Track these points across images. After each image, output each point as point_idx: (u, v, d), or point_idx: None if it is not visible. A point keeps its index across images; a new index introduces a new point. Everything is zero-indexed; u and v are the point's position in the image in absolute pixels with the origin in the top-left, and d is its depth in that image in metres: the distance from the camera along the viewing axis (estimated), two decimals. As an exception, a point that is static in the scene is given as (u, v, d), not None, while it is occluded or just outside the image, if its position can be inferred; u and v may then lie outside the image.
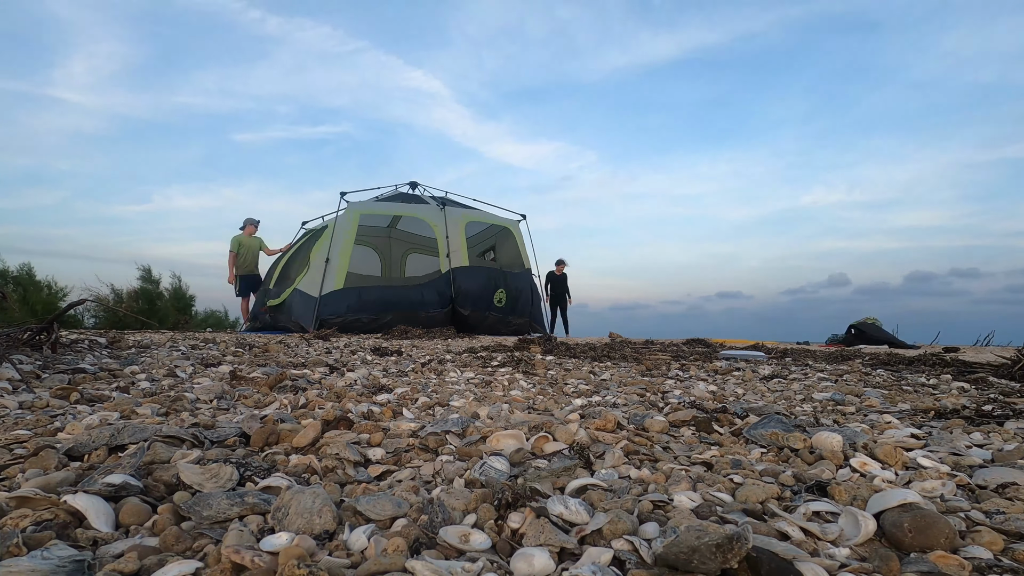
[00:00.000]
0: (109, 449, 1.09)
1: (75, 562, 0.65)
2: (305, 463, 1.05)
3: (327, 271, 7.58)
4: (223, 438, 1.22)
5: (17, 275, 9.79)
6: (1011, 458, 1.16)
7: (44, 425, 1.31)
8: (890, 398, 2.07)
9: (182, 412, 1.53)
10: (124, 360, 2.60)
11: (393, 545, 0.70)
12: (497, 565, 0.69)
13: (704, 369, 3.04)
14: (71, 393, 1.70)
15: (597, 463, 1.12)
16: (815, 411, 1.78)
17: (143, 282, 10.90)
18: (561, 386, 2.31)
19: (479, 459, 1.09)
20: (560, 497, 0.86)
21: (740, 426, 1.46)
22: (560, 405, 1.82)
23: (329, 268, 7.61)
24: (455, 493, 0.89)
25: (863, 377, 2.79)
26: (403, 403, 1.76)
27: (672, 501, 0.88)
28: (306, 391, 1.95)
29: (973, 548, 0.75)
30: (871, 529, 0.77)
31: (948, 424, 1.55)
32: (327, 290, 7.48)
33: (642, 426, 1.44)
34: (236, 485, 0.92)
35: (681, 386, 2.36)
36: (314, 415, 1.45)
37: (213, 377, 2.23)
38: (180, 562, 0.66)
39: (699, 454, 1.21)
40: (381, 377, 2.43)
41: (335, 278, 7.56)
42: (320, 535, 0.76)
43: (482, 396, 1.98)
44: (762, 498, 0.91)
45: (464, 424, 1.34)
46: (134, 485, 0.87)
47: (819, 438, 1.23)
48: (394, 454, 1.18)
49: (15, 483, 0.93)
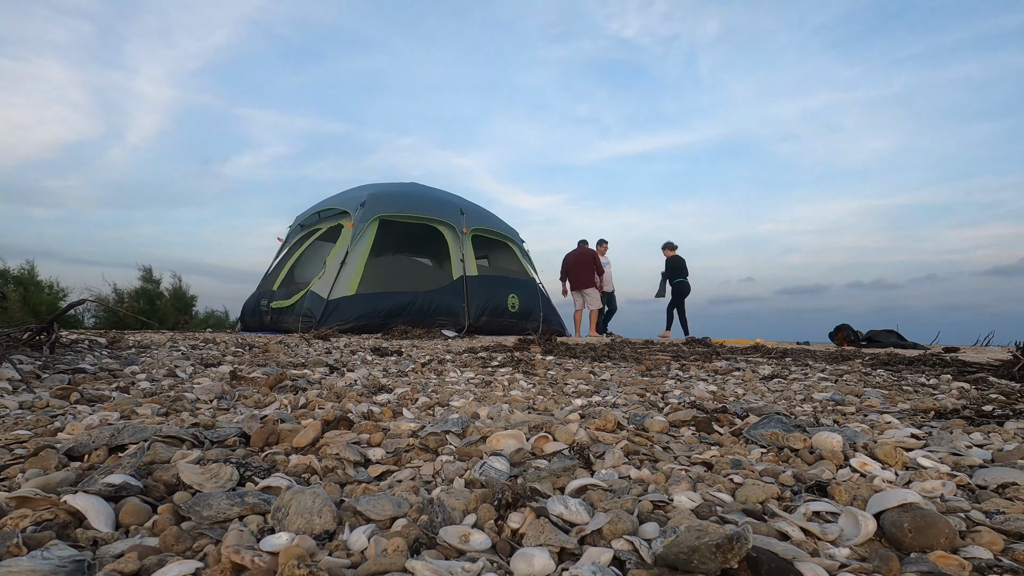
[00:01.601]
0: (109, 449, 1.09)
1: (75, 562, 0.65)
2: (305, 463, 1.05)
3: (341, 274, 7.50)
4: (223, 438, 1.22)
5: (18, 275, 9.79)
6: (1011, 458, 1.16)
7: (44, 425, 1.31)
8: (890, 398, 2.07)
9: (182, 412, 1.53)
10: (124, 360, 2.60)
11: (393, 545, 0.70)
12: (497, 565, 0.69)
13: (704, 369, 3.04)
14: (71, 393, 1.70)
15: (597, 463, 1.12)
16: (815, 411, 1.78)
17: (144, 282, 10.90)
18: (561, 386, 2.31)
19: (479, 459, 1.09)
20: (560, 497, 0.86)
21: (740, 426, 1.46)
22: (560, 405, 1.82)
23: (344, 272, 7.53)
24: (455, 493, 0.89)
25: (863, 377, 2.79)
26: (403, 403, 1.76)
27: (672, 501, 0.88)
28: (306, 391, 1.95)
29: (973, 548, 0.75)
30: (871, 529, 0.77)
31: (948, 424, 1.55)
32: (340, 294, 7.41)
33: (642, 426, 1.44)
34: (236, 485, 0.92)
35: (681, 386, 2.36)
36: (314, 415, 1.45)
37: (213, 377, 2.23)
38: (180, 562, 0.66)
39: (699, 454, 1.21)
40: (381, 377, 2.43)
41: (349, 283, 7.50)
42: (320, 535, 0.76)
43: (482, 396, 1.98)
44: (762, 498, 0.91)
45: (464, 424, 1.34)
46: (134, 485, 0.87)
47: (819, 438, 1.23)
48: (394, 454, 1.18)
49: (15, 483, 0.93)
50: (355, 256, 7.67)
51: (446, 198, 8.98)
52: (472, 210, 9.06)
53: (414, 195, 8.82)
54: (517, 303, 8.58)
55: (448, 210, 8.50)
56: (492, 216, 9.53)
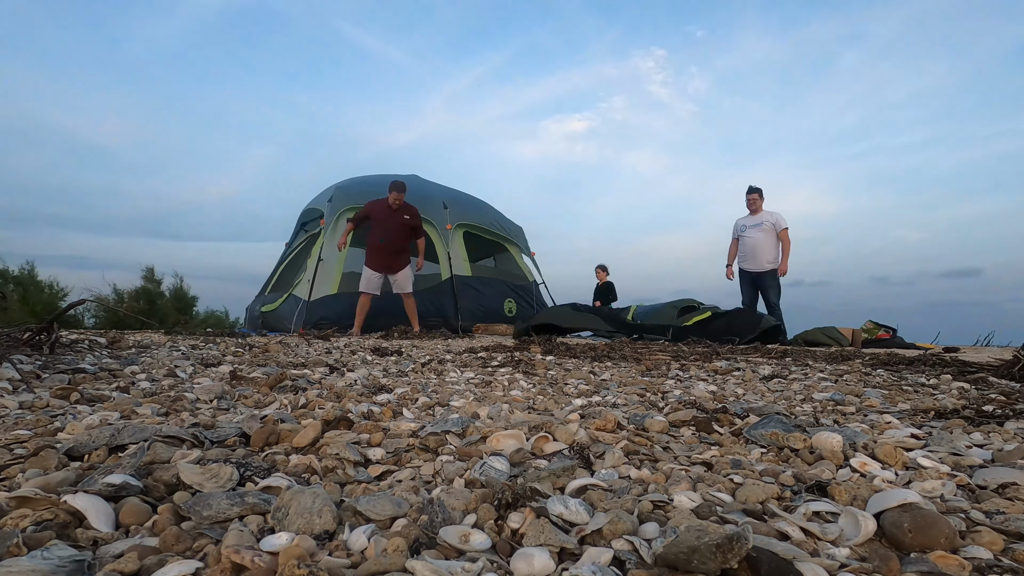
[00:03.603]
0: (109, 449, 1.09)
1: (75, 562, 0.65)
2: (305, 463, 1.05)
3: (319, 274, 7.25)
4: (223, 438, 1.22)
5: (18, 275, 9.80)
6: (1011, 458, 1.16)
7: (44, 425, 1.31)
8: (890, 398, 2.07)
9: (182, 412, 1.53)
10: (124, 360, 2.60)
11: (393, 545, 0.70)
12: (497, 565, 0.69)
13: (704, 369, 3.04)
14: (71, 393, 1.70)
15: (597, 463, 1.12)
16: (815, 411, 1.78)
17: (145, 282, 10.91)
18: (561, 386, 2.31)
19: (479, 459, 1.09)
20: (560, 497, 0.86)
21: (740, 426, 1.46)
22: (560, 405, 1.82)
23: (322, 271, 7.27)
24: (455, 493, 0.89)
25: (863, 377, 2.79)
26: (403, 403, 1.76)
27: (672, 501, 0.88)
28: (306, 391, 1.95)
29: (973, 548, 0.75)
30: (871, 529, 0.77)
31: (948, 424, 1.55)
32: (320, 295, 7.18)
33: (642, 426, 1.44)
34: (236, 485, 0.92)
35: (681, 386, 2.36)
36: (314, 415, 1.45)
37: (213, 377, 2.23)
38: (180, 562, 0.66)
39: (699, 454, 1.21)
40: (381, 377, 2.43)
41: (329, 283, 7.26)
42: (320, 535, 0.76)
43: (482, 396, 1.98)
44: (762, 498, 0.91)
45: (464, 424, 1.34)
46: (134, 485, 0.87)
47: (819, 438, 1.23)
48: (394, 454, 1.18)
49: (15, 483, 0.93)
50: (332, 253, 7.30)
51: (428, 191, 8.40)
52: (460, 203, 8.56)
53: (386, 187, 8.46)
54: (514, 307, 8.37)
55: (428, 204, 7.89)
56: (488, 209, 9.04)
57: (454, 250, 8.02)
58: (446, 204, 8.30)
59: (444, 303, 7.74)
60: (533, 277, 9.17)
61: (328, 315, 7.00)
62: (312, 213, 8.52)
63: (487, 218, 8.88)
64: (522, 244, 9.26)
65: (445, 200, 8.40)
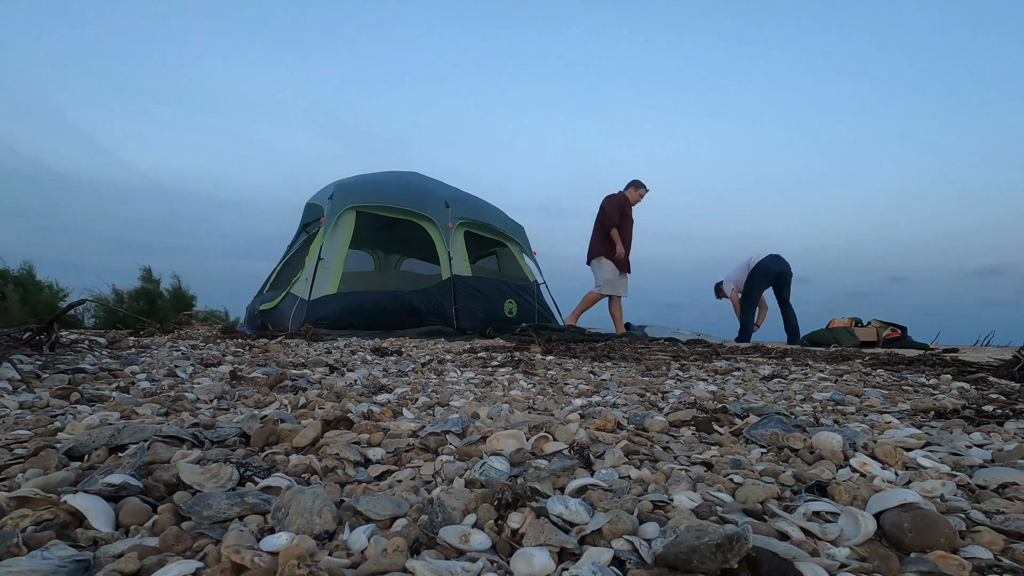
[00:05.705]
0: (109, 449, 1.09)
1: (75, 562, 0.65)
2: (305, 463, 1.05)
3: (319, 273, 7.15)
4: (223, 438, 1.22)
5: (18, 275, 9.80)
6: (1011, 458, 1.16)
7: (44, 425, 1.31)
8: (890, 398, 2.07)
9: (182, 412, 1.53)
10: (124, 360, 2.60)
11: (393, 545, 0.70)
12: (497, 565, 0.69)
13: (704, 369, 3.04)
14: (71, 393, 1.70)
15: (597, 463, 1.12)
16: (815, 411, 1.78)
17: (144, 282, 10.92)
18: (561, 386, 2.31)
19: (479, 459, 1.09)
20: (560, 497, 0.86)
21: (740, 426, 1.46)
22: (560, 405, 1.82)
23: (323, 269, 7.17)
24: (455, 493, 0.89)
25: (863, 377, 2.79)
26: (403, 403, 1.76)
27: (672, 501, 0.88)
28: (306, 391, 1.95)
29: (973, 548, 0.75)
30: (871, 529, 0.77)
31: (948, 424, 1.55)
32: (319, 294, 7.07)
33: (642, 426, 1.44)
34: (236, 485, 0.92)
35: (681, 386, 2.36)
36: (314, 415, 1.45)
37: (213, 377, 2.23)
38: (180, 562, 0.66)
39: (699, 454, 1.20)
40: (381, 377, 2.43)
41: (329, 282, 7.15)
42: (320, 535, 0.76)
43: (482, 396, 1.98)
44: (762, 498, 0.91)
45: (464, 424, 1.34)
46: (134, 485, 0.87)
47: (819, 438, 1.23)
48: (394, 454, 1.18)
49: (15, 483, 0.93)
50: (332, 252, 7.22)
51: (431, 189, 8.29)
52: (462, 201, 8.47)
53: (389, 185, 8.15)
54: (515, 308, 8.32)
55: (431, 203, 7.82)
56: (489, 208, 8.94)
57: (455, 250, 7.98)
58: (448, 202, 8.23)
59: (444, 303, 7.71)
60: (534, 277, 9.13)
61: (327, 315, 6.88)
62: (313, 211, 8.47)
63: (489, 216, 8.79)
64: (523, 243, 9.20)
65: (447, 198, 8.29)
